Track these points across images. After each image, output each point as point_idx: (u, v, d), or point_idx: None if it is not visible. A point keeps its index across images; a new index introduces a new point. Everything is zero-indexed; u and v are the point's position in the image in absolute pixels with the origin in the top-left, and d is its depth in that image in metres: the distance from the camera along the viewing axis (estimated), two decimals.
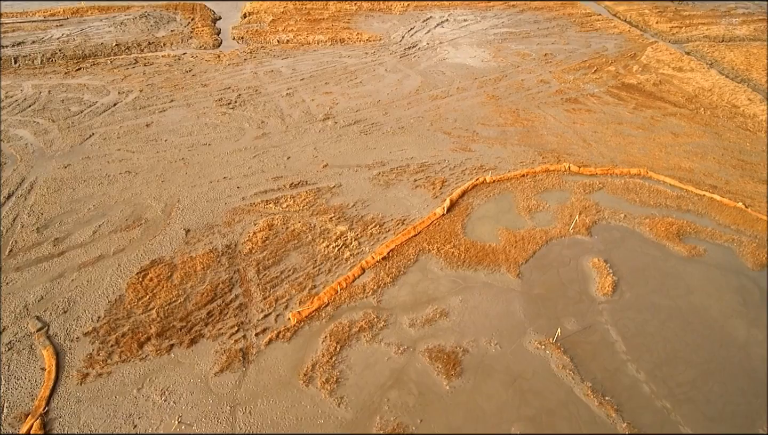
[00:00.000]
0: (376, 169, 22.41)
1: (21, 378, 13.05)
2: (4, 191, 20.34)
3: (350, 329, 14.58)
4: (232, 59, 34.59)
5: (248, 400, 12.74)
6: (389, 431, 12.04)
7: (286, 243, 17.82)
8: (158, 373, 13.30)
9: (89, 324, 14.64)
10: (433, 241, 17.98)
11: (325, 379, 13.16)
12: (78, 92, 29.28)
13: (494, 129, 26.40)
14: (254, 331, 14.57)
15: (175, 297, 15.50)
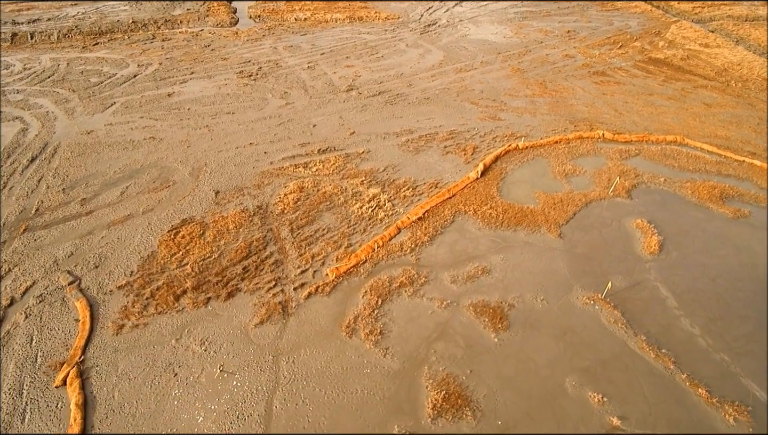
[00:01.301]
0: (405, 137, 21.82)
1: (54, 329, 12.57)
2: (27, 155, 19.83)
3: (390, 284, 14.02)
4: (250, 35, 34.01)
5: (291, 350, 12.21)
6: (439, 381, 11.42)
7: (318, 204, 17.27)
8: (196, 325, 12.78)
9: (122, 278, 14.14)
10: (469, 203, 17.40)
11: (369, 331, 12.62)
12: (97, 65, 28.77)
13: (522, 99, 25.74)
14: (292, 285, 14.02)
15: (209, 253, 14.98)
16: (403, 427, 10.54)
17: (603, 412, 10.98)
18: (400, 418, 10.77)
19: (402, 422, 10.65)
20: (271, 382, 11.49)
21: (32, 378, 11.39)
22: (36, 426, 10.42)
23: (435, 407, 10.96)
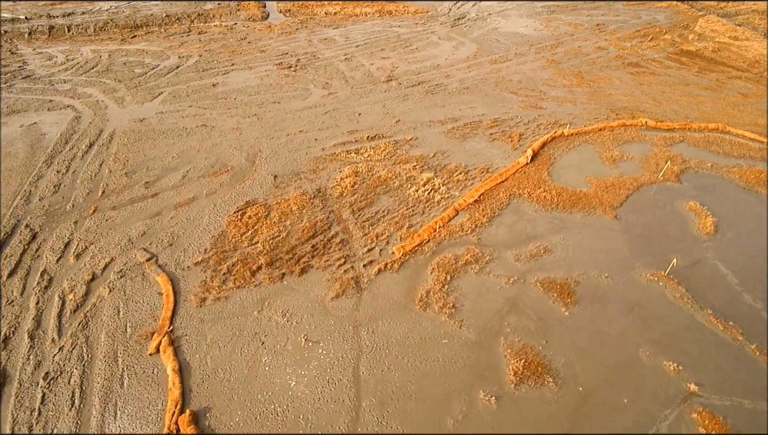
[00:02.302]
0: (449, 125, 22.27)
1: (139, 302, 13.10)
2: (85, 141, 20.40)
3: (456, 262, 14.48)
4: (283, 29, 34.54)
5: (369, 321, 12.69)
6: (517, 350, 11.88)
7: (375, 187, 17.74)
8: (275, 298, 13.29)
9: (197, 255, 14.65)
10: (523, 187, 17.84)
11: (442, 305, 13.09)
12: (138, 56, 29.36)
13: (561, 89, 26.14)
14: (361, 262, 14.50)
15: (277, 233, 15.49)
16: (488, 392, 10.94)
17: (679, 379, 11.39)
18: (483, 384, 11.21)
19: (486, 388, 11.10)
20: (354, 350, 11.96)
21: (125, 347, 11.91)
22: (135, 389, 10.95)
23: (517, 374, 11.38)
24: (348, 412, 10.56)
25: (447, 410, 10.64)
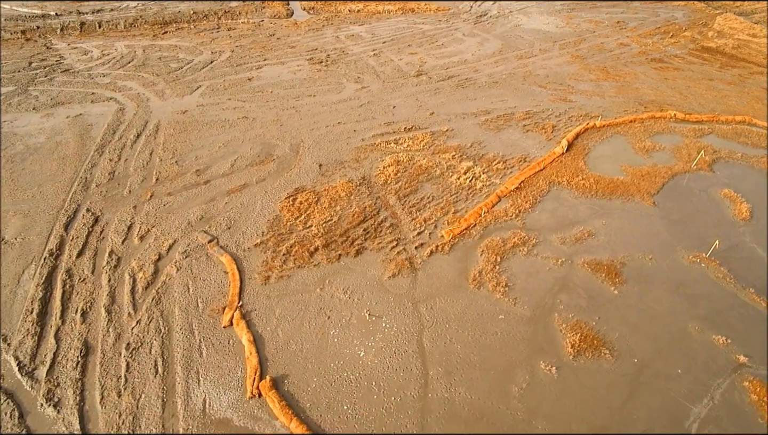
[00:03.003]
0: (483, 117, 22.93)
1: (206, 279, 13.80)
2: (132, 131, 21.15)
3: (504, 244, 15.15)
4: (310, 25, 35.25)
5: (426, 299, 13.37)
6: (572, 325, 12.55)
7: (418, 175, 18.42)
8: (335, 277, 13.98)
9: (256, 238, 15.36)
10: (561, 175, 18.50)
11: (495, 284, 13.75)
12: (172, 52, 30.12)
13: (588, 83, 26.78)
14: (412, 245, 15.15)
15: (329, 217, 16.19)
16: (549, 363, 11.62)
17: (728, 351, 12.06)
18: (543, 356, 11.90)
19: (546, 359, 11.79)
20: (416, 325, 12.66)
21: (199, 320, 12.63)
22: (213, 359, 11.67)
23: (574, 347, 12.06)
24: (417, 380, 11.23)
25: (511, 379, 11.31)
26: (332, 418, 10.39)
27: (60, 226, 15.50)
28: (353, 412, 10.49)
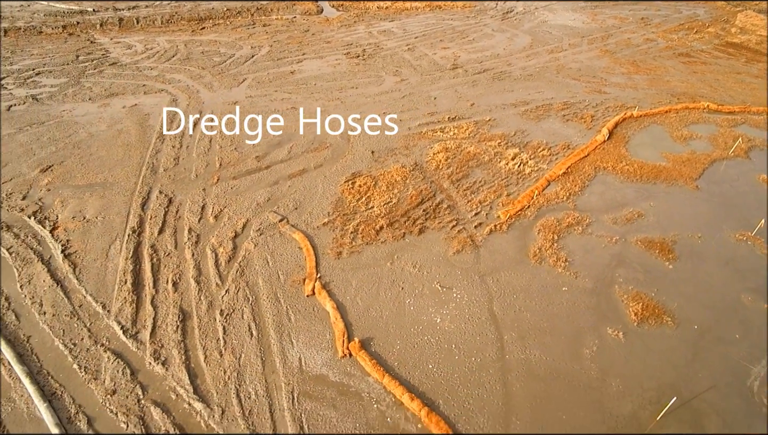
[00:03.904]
0: (522, 107, 23.87)
1: (283, 254, 14.83)
2: (190, 120, 22.16)
3: (559, 224, 16.11)
4: (342, 22, 36.27)
5: (492, 272, 14.34)
6: (632, 296, 13.49)
7: (467, 161, 19.39)
8: (402, 252, 14.97)
9: (323, 217, 16.37)
10: (605, 161, 19.43)
11: (555, 259, 14.71)
12: (212, 46, 31.18)
13: (620, 76, 27.69)
14: (471, 224, 16.11)
15: (388, 199, 17.18)
16: (615, 329, 12.59)
17: None
18: (608, 323, 12.86)
19: (612, 326, 12.75)
20: (485, 295, 13.64)
21: (282, 290, 13.65)
22: (301, 323, 12.68)
23: (637, 314, 13.01)
24: (493, 344, 12.22)
25: (581, 343, 12.28)
26: (420, 376, 11.34)
27: (137, 206, 16.51)
28: (438, 371, 11.45)
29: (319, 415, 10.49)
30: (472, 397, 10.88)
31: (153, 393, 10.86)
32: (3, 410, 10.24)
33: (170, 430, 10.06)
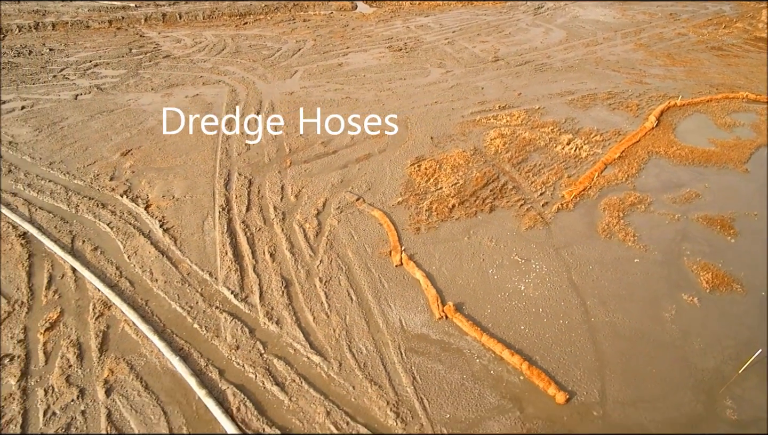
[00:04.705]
0: (567, 97, 24.90)
1: (365, 229, 15.92)
2: (251, 109, 23.34)
3: (622, 203, 17.14)
4: (378, 17, 37.36)
5: (565, 246, 15.39)
6: (701, 266, 14.52)
7: (524, 146, 20.44)
8: (476, 228, 16.03)
9: (396, 197, 17.44)
10: (657, 146, 20.46)
11: (624, 234, 15.75)
12: (258, 40, 32.34)
13: (658, 68, 28.68)
14: (538, 203, 17.15)
15: (455, 180, 18.25)
16: (689, 295, 13.63)
17: None
18: (682, 290, 13.90)
19: (686, 292, 13.78)
20: (562, 266, 14.69)
21: (371, 260, 14.75)
22: (395, 290, 13.74)
23: (708, 283, 14.05)
24: (577, 308, 13.28)
25: (659, 307, 13.33)
26: (514, 336, 12.42)
27: (220, 186, 17.65)
28: (530, 332, 12.53)
29: (427, 368, 11.54)
30: (565, 353, 11.91)
31: (273, 348, 11.91)
32: (135, 365, 11.34)
33: (294, 380, 11.09)
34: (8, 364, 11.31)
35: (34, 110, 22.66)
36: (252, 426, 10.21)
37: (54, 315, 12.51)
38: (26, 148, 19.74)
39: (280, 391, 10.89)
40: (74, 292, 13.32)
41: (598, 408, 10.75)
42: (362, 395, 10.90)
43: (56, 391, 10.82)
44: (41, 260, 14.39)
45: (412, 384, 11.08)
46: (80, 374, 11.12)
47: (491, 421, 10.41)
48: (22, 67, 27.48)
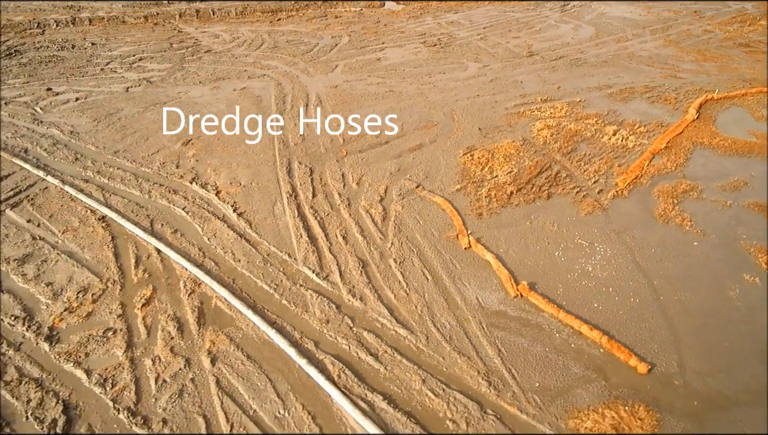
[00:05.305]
0: (606, 90, 25.54)
1: (430, 214, 16.57)
2: (299, 101, 24.03)
3: (675, 190, 17.77)
4: (408, 13, 38.03)
5: (625, 230, 16.01)
6: (758, 249, 15.16)
7: (571, 137, 21.08)
8: (536, 214, 16.68)
9: (454, 184, 18.10)
10: (700, 137, 21.08)
11: (681, 219, 16.38)
12: (294, 36, 33.01)
13: (690, 63, 29.30)
14: (594, 190, 17.79)
15: (510, 169, 18.90)
16: (751, 275, 14.28)
17: None
18: (743, 270, 14.53)
19: (747, 273, 14.41)
20: (625, 249, 15.33)
21: (440, 243, 15.42)
22: (468, 270, 14.40)
23: (767, 264, 14.68)
24: (645, 287, 13.91)
25: (724, 286, 13.96)
26: (588, 313, 13.07)
27: (284, 174, 18.35)
28: (604, 308, 13.18)
29: (510, 341, 12.21)
30: (640, 329, 12.57)
31: (360, 322, 12.60)
32: (234, 337, 12.04)
33: (386, 350, 11.78)
34: (112, 337, 11.91)
35: (88, 102, 23.31)
36: (354, 392, 10.81)
37: (147, 292, 13.17)
38: (88, 138, 20.44)
39: (374, 361, 11.53)
40: (162, 271, 13.95)
41: (678, 378, 11.38)
42: (453, 365, 11.53)
43: (163, 361, 11.47)
44: (125, 242, 15.05)
45: (498, 356, 11.70)
46: (183, 345, 11.78)
47: (579, 389, 11.06)
48: (69, 61, 28.16)
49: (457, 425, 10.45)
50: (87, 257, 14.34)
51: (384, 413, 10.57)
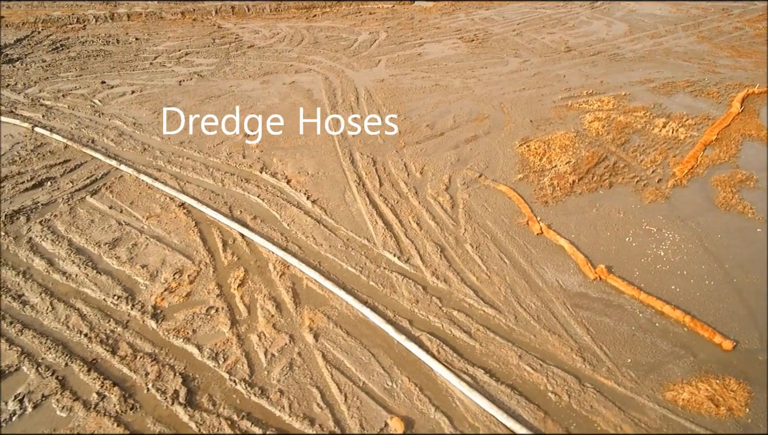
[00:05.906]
0: (648, 84, 26.03)
1: (496, 202, 17.09)
2: (349, 95, 24.60)
3: (732, 179, 18.28)
4: (441, 10, 38.58)
5: (689, 217, 16.52)
6: None
7: (623, 129, 21.59)
8: (601, 202, 17.18)
9: (516, 174, 18.62)
10: (747, 129, 21.58)
11: (741, 207, 16.89)
12: (332, 32, 33.61)
13: (725, 59, 29.76)
14: (653, 179, 18.30)
15: (568, 159, 19.42)
16: None
17: None
18: None
19: None
20: (693, 234, 15.85)
21: (513, 229, 15.95)
22: (544, 255, 14.92)
23: None
24: (717, 270, 14.43)
25: None
26: (667, 294, 13.59)
27: (347, 164, 18.91)
28: (682, 290, 13.71)
29: (596, 321, 12.76)
30: (718, 309, 13.12)
31: (448, 303, 13.16)
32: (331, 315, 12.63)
33: (479, 329, 12.36)
34: (215, 315, 12.52)
35: (144, 94, 23.94)
36: (455, 366, 11.38)
37: (240, 274, 13.75)
38: (151, 129, 21.01)
39: (469, 338, 12.11)
40: (250, 255, 14.52)
41: (762, 353, 11.91)
42: (545, 343, 12.09)
43: (268, 337, 12.07)
44: (208, 227, 15.65)
45: (587, 334, 12.26)
46: (284, 323, 12.38)
47: (670, 365, 11.62)
48: (116, 55, 28.82)
49: (559, 397, 10.98)
50: (175, 241, 14.94)
51: (487, 386, 11.11)
